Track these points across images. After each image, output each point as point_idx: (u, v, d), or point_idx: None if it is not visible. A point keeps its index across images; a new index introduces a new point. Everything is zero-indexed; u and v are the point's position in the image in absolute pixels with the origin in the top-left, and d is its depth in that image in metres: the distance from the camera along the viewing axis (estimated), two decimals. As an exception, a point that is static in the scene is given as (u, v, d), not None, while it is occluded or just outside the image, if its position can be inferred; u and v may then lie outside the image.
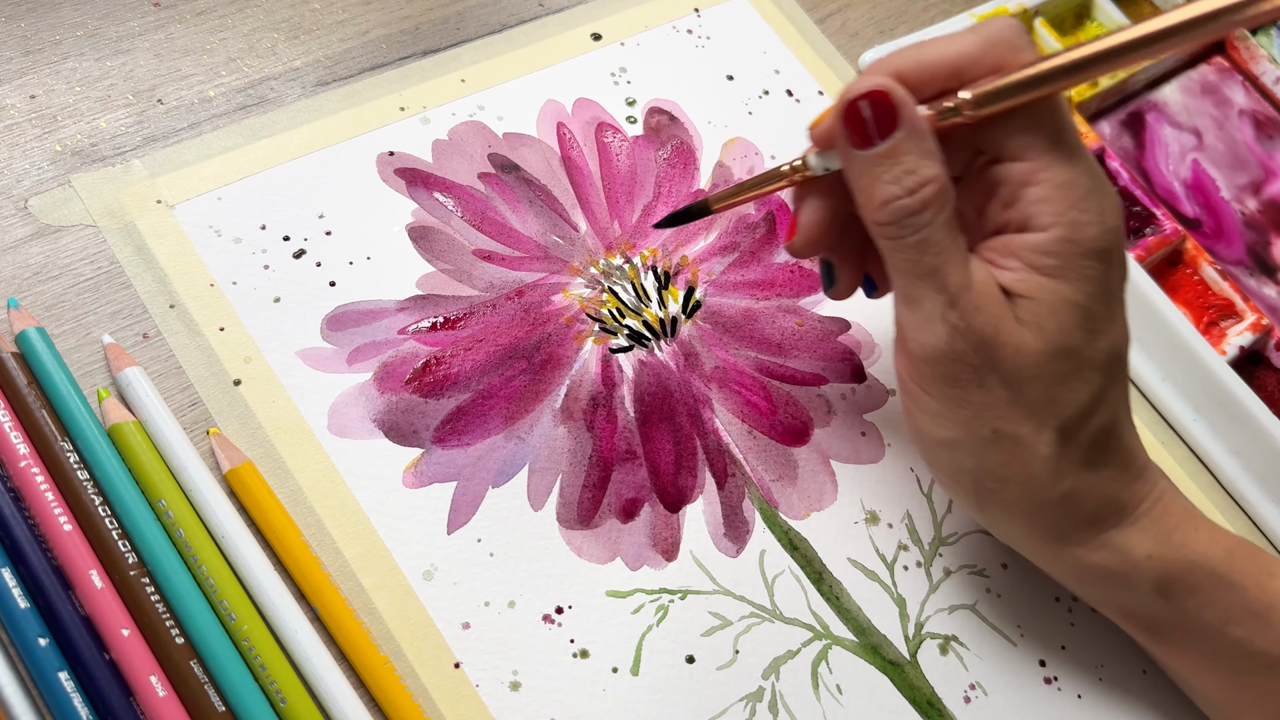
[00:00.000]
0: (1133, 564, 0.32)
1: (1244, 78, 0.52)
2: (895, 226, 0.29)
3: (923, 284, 0.29)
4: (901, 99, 0.29)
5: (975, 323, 0.29)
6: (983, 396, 0.30)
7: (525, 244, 0.38)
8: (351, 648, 0.30)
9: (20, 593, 0.28)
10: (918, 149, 0.29)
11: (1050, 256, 0.29)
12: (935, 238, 0.29)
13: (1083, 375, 0.30)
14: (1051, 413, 0.30)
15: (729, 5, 0.47)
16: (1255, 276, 0.47)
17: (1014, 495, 0.31)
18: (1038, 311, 0.30)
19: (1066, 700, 0.36)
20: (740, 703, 0.33)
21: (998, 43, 0.29)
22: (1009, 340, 0.29)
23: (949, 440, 0.31)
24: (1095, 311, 0.30)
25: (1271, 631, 0.32)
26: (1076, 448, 0.31)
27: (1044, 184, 0.29)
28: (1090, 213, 0.29)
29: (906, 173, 0.29)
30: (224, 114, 0.38)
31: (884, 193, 0.29)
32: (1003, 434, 0.30)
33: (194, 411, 0.33)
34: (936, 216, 0.29)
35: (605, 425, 0.36)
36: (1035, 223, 0.29)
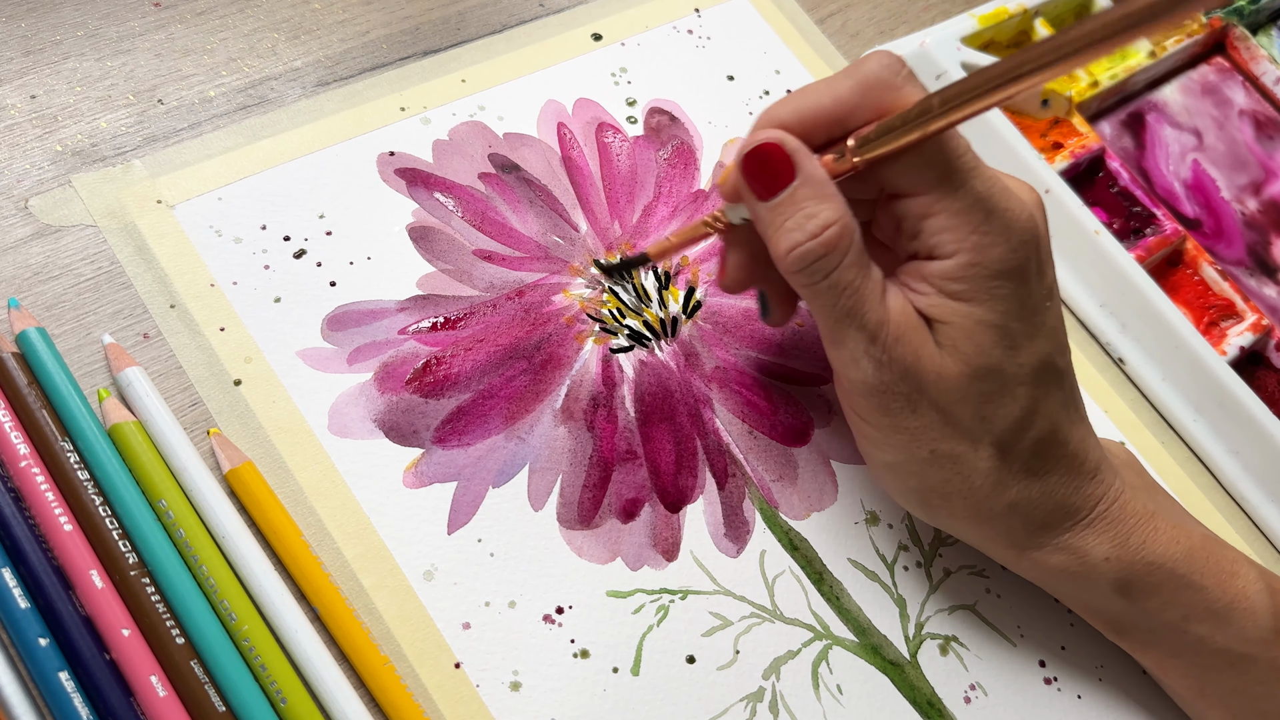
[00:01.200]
0: (1091, 565, 0.32)
1: (1244, 78, 0.52)
2: (805, 273, 0.30)
3: (842, 324, 0.30)
4: (793, 148, 0.30)
5: (896, 354, 0.30)
6: (916, 421, 0.31)
7: (526, 244, 0.38)
8: (352, 648, 0.30)
9: (20, 593, 0.28)
10: (815, 194, 0.29)
11: (958, 282, 0.30)
12: (846, 279, 0.30)
13: (1010, 391, 0.31)
14: (984, 430, 0.31)
15: (729, 5, 0.47)
16: (1255, 277, 0.47)
17: (960, 509, 0.32)
18: (954, 335, 0.30)
19: (1066, 700, 0.36)
20: (741, 703, 0.33)
21: (873, 85, 0.30)
22: (930, 366, 0.30)
23: (891, 463, 0.32)
24: (1012, 329, 0.30)
25: (1232, 630, 0.32)
26: (1016, 459, 0.31)
27: (941, 214, 0.30)
28: (992, 234, 0.29)
29: (807, 218, 0.29)
30: (224, 114, 0.38)
31: (788, 240, 0.30)
32: (940, 454, 0.31)
33: (194, 411, 0.33)
34: (842, 258, 0.29)
35: (606, 425, 0.36)
36: (939, 251, 0.30)
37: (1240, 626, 0.32)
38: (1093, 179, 0.47)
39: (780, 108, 0.31)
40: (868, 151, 0.29)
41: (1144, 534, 0.33)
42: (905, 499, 0.34)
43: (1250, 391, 0.41)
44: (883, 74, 0.30)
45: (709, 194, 0.42)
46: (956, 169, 0.29)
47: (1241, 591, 0.33)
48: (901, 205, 0.30)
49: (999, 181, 0.30)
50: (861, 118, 0.30)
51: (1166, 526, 0.33)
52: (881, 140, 0.29)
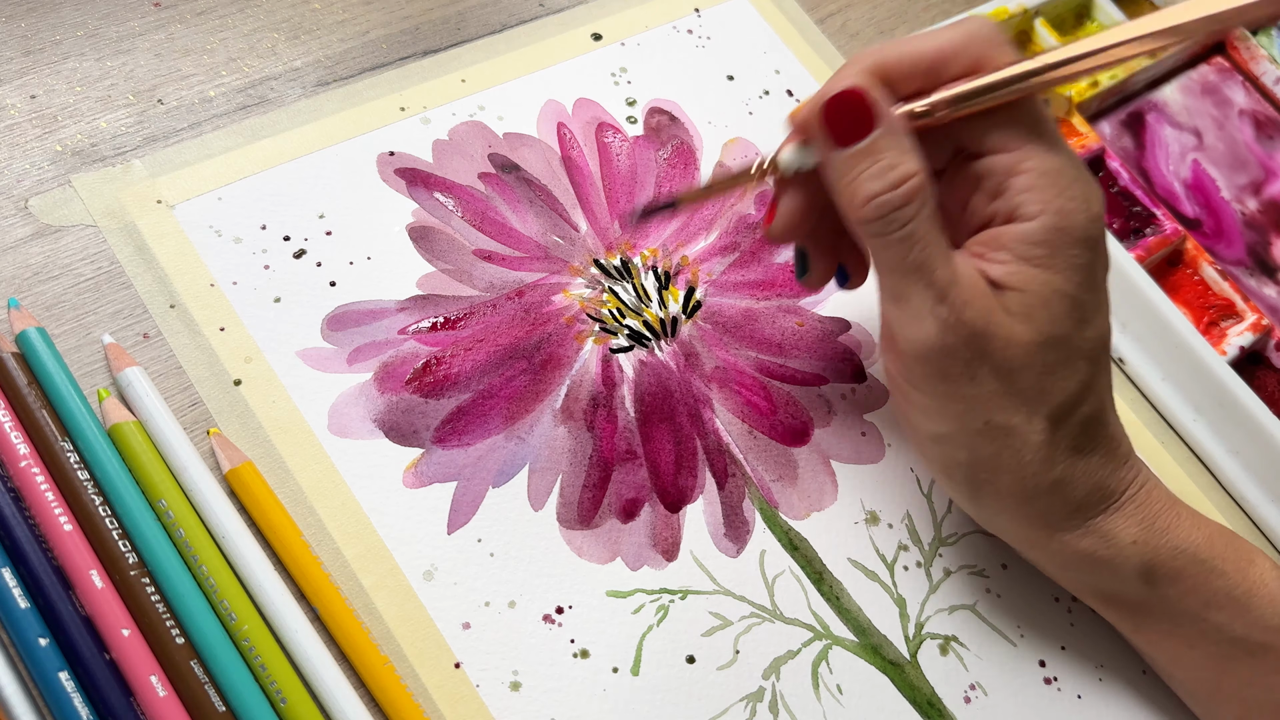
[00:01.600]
0: (1118, 549, 0.32)
1: (1244, 78, 0.52)
2: (880, 222, 0.29)
3: (910, 280, 0.30)
4: (877, 98, 0.29)
5: (965, 316, 0.29)
6: (974, 390, 0.30)
7: (525, 244, 0.38)
8: (352, 648, 0.30)
9: (20, 593, 0.28)
10: (896, 145, 0.29)
11: (1040, 246, 0.30)
12: (920, 232, 0.29)
13: (1072, 364, 0.31)
14: (1042, 401, 0.31)
15: (729, 5, 0.47)
16: (1255, 276, 0.47)
17: (1007, 484, 0.32)
18: (1029, 302, 0.30)
19: (1066, 700, 0.36)
20: (740, 703, 0.33)
21: (977, 39, 0.30)
22: (999, 332, 0.30)
23: (942, 435, 0.32)
24: (1084, 301, 0.30)
25: (1251, 617, 0.32)
26: (1066, 435, 0.31)
27: (1030, 173, 0.30)
28: (1077, 200, 0.30)
29: (888, 168, 0.29)
30: (224, 114, 0.38)
31: (867, 189, 0.29)
32: (995, 425, 0.31)
33: (194, 411, 0.33)
34: (920, 210, 0.29)
35: (605, 425, 0.36)
36: (1023, 211, 0.30)
37: (1259, 613, 0.32)
38: (1093, 179, 0.47)
39: (879, 51, 0.30)
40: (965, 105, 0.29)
41: (1169, 519, 0.33)
42: (950, 474, 0.33)
43: (1250, 391, 0.41)
44: (986, 31, 0.30)
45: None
46: (1047, 131, 0.30)
47: (1260, 579, 0.33)
48: (986, 163, 0.30)
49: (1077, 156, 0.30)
50: (956, 70, 0.30)
51: (1188, 513, 0.33)
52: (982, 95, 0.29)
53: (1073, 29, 0.51)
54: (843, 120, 0.30)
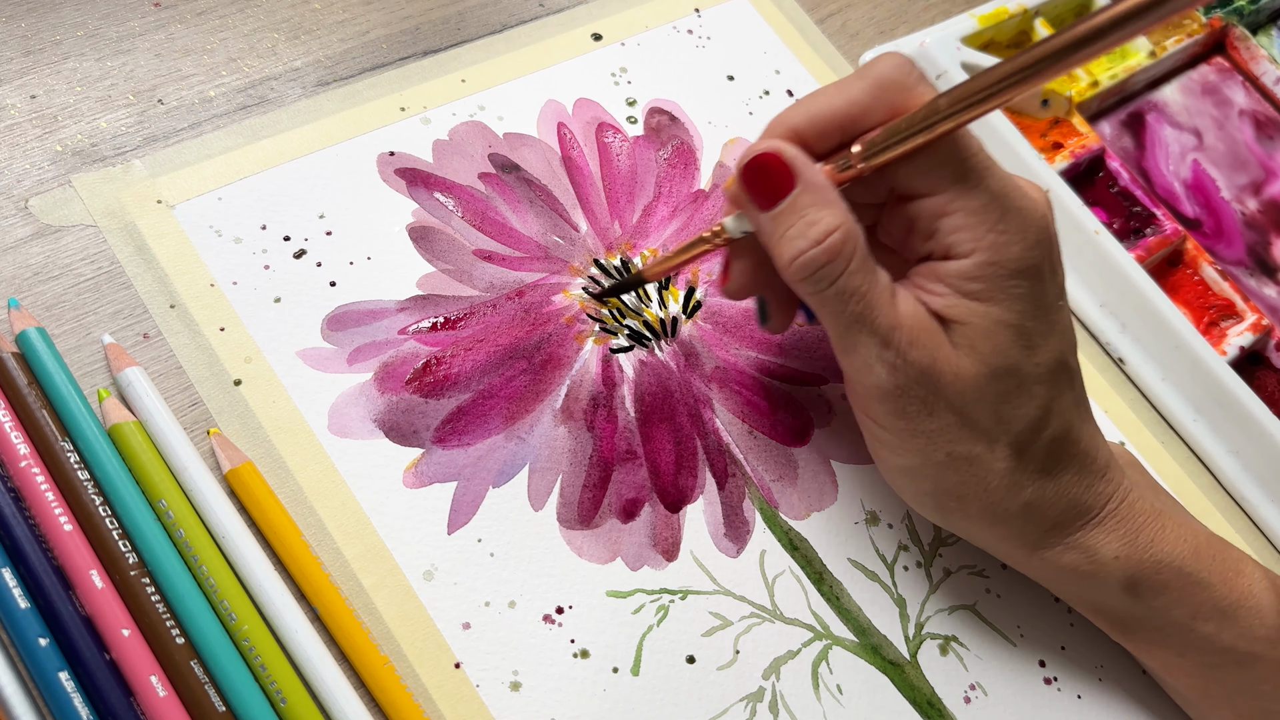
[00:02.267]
0: (1101, 564, 0.32)
1: (1244, 78, 0.52)
2: (809, 281, 0.30)
3: (852, 331, 0.30)
4: (792, 156, 0.30)
5: (911, 357, 0.30)
6: (932, 424, 0.31)
7: (526, 244, 0.38)
8: (352, 648, 0.30)
9: (20, 593, 0.28)
10: (816, 200, 0.29)
11: (975, 281, 0.30)
12: (852, 285, 0.29)
13: (1027, 390, 0.31)
14: (1001, 430, 0.31)
15: (729, 5, 0.47)
16: (1255, 276, 0.47)
17: (975, 511, 0.32)
18: (972, 336, 0.30)
19: (1066, 700, 0.36)
20: (740, 703, 0.33)
21: (887, 87, 0.30)
22: (947, 368, 0.30)
23: (906, 467, 0.32)
24: (1029, 328, 0.30)
25: (1238, 627, 0.32)
26: (1032, 459, 0.31)
27: (957, 213, 0.30)
28: (1009, 233, 0.29)
29: (809, 225, 0.29)
30: (224, 114, 0.38)
31: (791, 249, 0.30)
32: (957, 456, 0.31)
33: (194, 411, 0.33)
34: (847, 264, 0.29)
35: (605, 425, 0.36)
36: (956, 250, 0.30)
37: (1246, 624, 0.32)
38: (1093, 179, 0.47)
39: (791, 112, 0.31)
40: (876, 156, 0.29)
41: (1152, 532, 0.33)
42: (919, 502, 0.33)
43: (1250, 391, 0.41)
44: (895, 75, 0.30)
45: (709, 194, 0.42)
46: (972, 167, 0.29)
47: (1247, 590, 0.33)
48: (915, 206, 0.30)
49: (1011, 180, 0.30)
50: (874, 119, 0.30)
51: (1173, 525, 0.33)
52: (890, 145, 0.29)
53: (1073, 29, 0.51)
54: (761, 184, 0.30)
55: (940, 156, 0.29)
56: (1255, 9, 0.53)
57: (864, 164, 0.30)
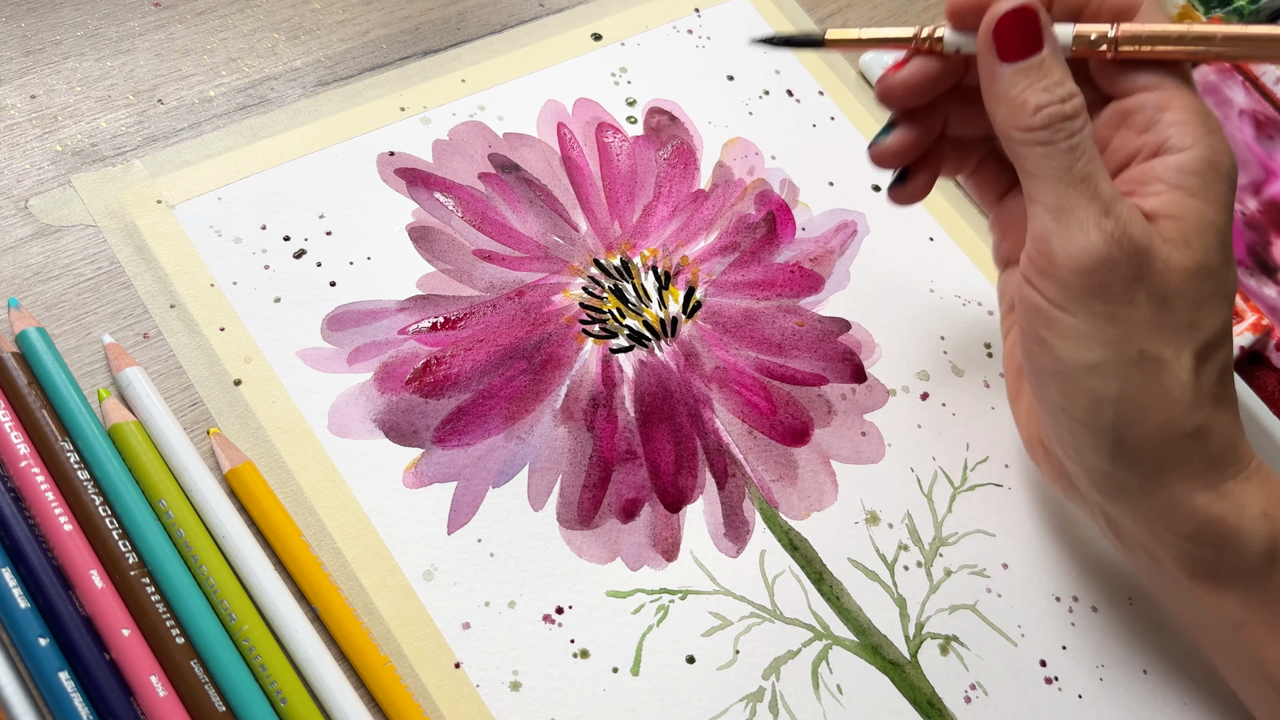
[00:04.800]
0: (1249, 520, 0.31)
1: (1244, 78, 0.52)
2: (1049, 131, 0.30)
3: (1076, 191, 0.30)
4: (1046, 22, 0.31)
5: (1131, 230, 0.30)
6: (1130, 313, 0.30)
7: (525, 244, 0.38)
8: (351, 648, 0.30)
9: (20, 593, 0.28)
10: (1061, 67, 0.31)
11: (1194, 176, 0.30)
12: (1086, 144, 0.30)
13: (1218, 300, 0.31)
14: (1190, 336, 0.31)
15: (729, 5, 0.47)
16: (1255, 276, 0.47)
17: (1155, 423, 0.31)
18: (1185, 230, 0.30)
19: (1066, 700, 0.36)
20: (740, 703, 0.33)
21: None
22: (1160, 254, 0.30)
23: (1094, 364, 0.31)
24: (1228, 239, 0.31)
25: None
26: (1207, 379, 0.31)
27: (1180, 110, 0.31)
28: (1221, 142, 0.31)
29: (1055, 84, 0.30)
30: (224, 114, 0.38)
31: (1038, 99, 0.30)
32: (1148, 355, 0.30)
33: (194, 411, 0.33)
34: (1085, 125, 0.30)
35: (605, 425, 0.36)
36: (1175, 143, 0.31)
37: None
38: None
39: None
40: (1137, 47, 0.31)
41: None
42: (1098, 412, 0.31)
43: (1250, 391, 0.41)
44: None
45: (709, 194, 0.42)
46: (1190, 78, 0.31)
47: None
48: (1137, 99, 0.31)
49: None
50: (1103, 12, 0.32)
51: None
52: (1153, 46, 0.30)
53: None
54: (1012, 36, 0.31)
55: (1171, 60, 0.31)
56: (1255, 9, 0.53)
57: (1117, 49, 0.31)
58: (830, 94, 0.46)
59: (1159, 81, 0.31)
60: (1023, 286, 0.32)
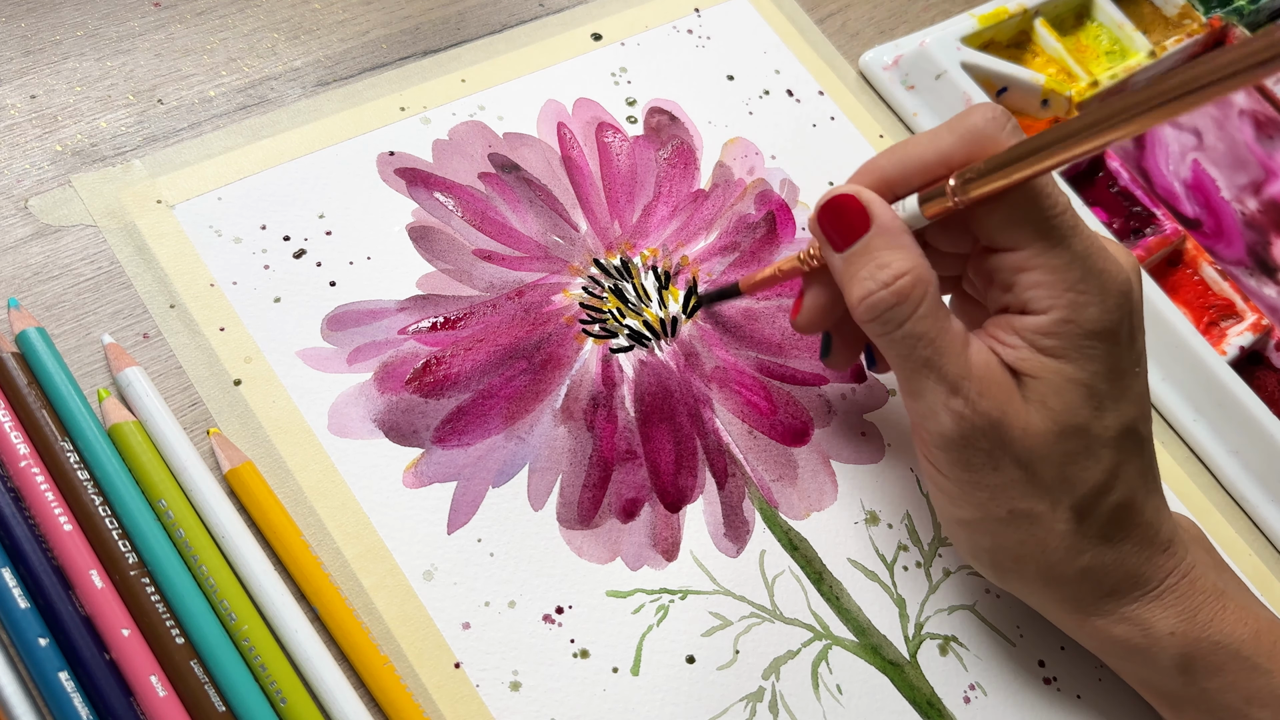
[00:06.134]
0: (1154, 639, 0.32)
1: (1244, 78, 0.52)
2: (878, 323, 0.30)
3: (919, 376, 0.30)
4: (868, 200, 0.30)
5: (981, 407, 0.30)
6: (997, 478, 0.30)
7: (525, 244, 0.38)
8: (351, 648, 0.30)
9: (20, 593, 0.28)
10: (889, 244, 0.30)
11: (1051, 338, 0.30)
12: (921, 329, 0.29)
13: (1093, 453, 0.30)
14: (1065, 490, 0.30)
15: (729, 5, 0.47)
16: (1255, 276, 0.47)
17: (1031, 572, 0.32)
18: (1043, 391, 0.30)
19: (1066, 700, 0.36)
20: (740, 703, 0.33)
21: (977, 137, 0.30)
22: (1016, 421, 0.30)
23: (967, 520, 0.32)
24: (1101, 390, 0.30)
25: None
26: (1094, 524, 0.31)
27: (1037, 269, 0.30)
28: (1089, 294, 0.29)
29: (880, 267, 0.30)
30: (224, 114, 0.38)
31: (860, 289, 0.30)
32: (1019, 513, 0.31)
33: (194, 411, 0.33)
34: (916, 308, 0.29)
35: (605, 425, 0.36)
36: (1033, 306, 0.30)
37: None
38: (1093, 179, 0.47)
39: (881, 158, 0.31)
40: (969, 191, 0.29)
41: (1211, 611, 0.32)
42: (976, 557, 0.33)
43: (1250, 391, 0.41)
44: (986, 127, 0.30)
45: (708, 194, 0.42)
46: (1055, 226, 0.29)
47: None
48: (997, 259, 0.30)
49: (1097, 242, 0.30)
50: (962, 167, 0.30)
51: (1235, 606, 0.32)
52: (983, 180, 0.29)
53: (1073, 29, 0.51)
54: (835, 225, 0.30)
55: (1025, 212, 0.29)
56: (1255, 9, 0.53)
57: (958, 197, 0.29)
58: (830, 94, 0.46)
59: (1016, 238, 0.30)
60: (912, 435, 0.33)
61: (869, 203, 0.30)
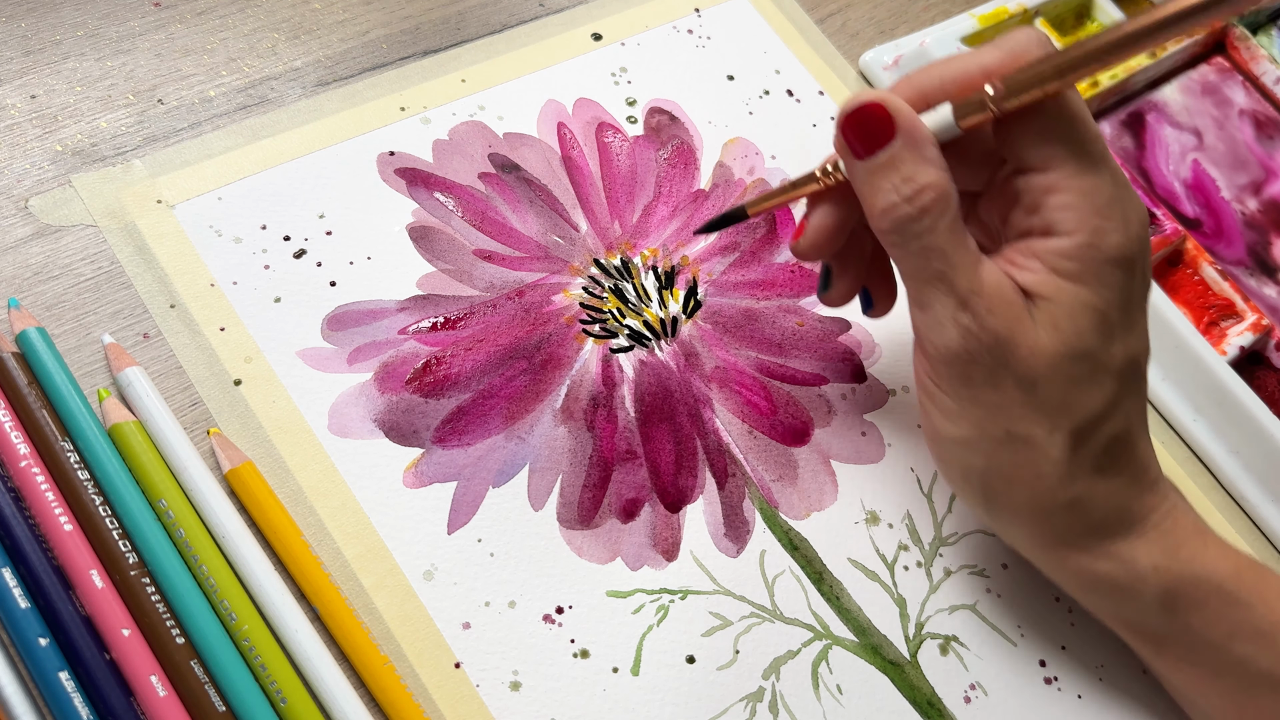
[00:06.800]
0: (1138, 575, 0.32)
1: (1244, 78, 0.52)
2: (897, 234, 0.30)
3: (931, 288, 0.30)
4: (896, 109, 0.29)
5: (989, 324, 0.30)
6: (996, 397, 0.30)
7: (525, 244, 0.38)
8: (352, 648, 0.30)
9: (21, 593, 0.28)
10: (914, 156, 0.29)
11: (1072, 260, 0.30)
12: (938, 243, 0.29)
13: (1097, 380, 0.30)
14: (1065, 415, 0.30)
15: (729, 5, 0.47)
16: (1255, 276, 0.47)
17: (1022, 497, 0.32)
18: (1055, 313, 0.30)
19: (1066, 700, 0.36)
20: (740, 703, 0.33)
21: (1021, 54, 0.30)
22: (1024, 340, 0.30)
23: (961, 439, 0.32)
24: (1113, 318, 0.30)
25: (1277, 651, 0.32)
26: (1088, 453, 0.31)
27: (1067, 191, 0.29)
28: (1114, 220, 0.29)
29: (904, 180, 0.29)
30: (224, 114, 0.38)
31: (883, 201, 0.30)
32: (1015, 435, 0.31)
33: (194, 411, 0.33)
34: (937, 222, 0.29)
35: (605, 425, 0.36)
36: (1058, 228, 0.30)
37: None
38: (1093, 179, 0.47)
39: (921, 73, 0.31)
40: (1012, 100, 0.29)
41: (1194, 547, 0.32)
42: (966, 480, 0.33)
43: (1250, 391, 0.41)
44: (1029, 46, 0.30)
45: (709, 194, 0.42)
46: (1089, 151, 0.29)
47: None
48: (1026, 179, 0.30)
49: (1123, 175, 0.30)
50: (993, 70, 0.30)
51: (1215, 542, 0.32)
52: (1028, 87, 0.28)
53: (1072, 29, 0.51)
54: (860, 133, 0.30)
55: (1063, 132, 0.29)
56: (1255, 9, 0.53)
57: (1002, 104, 0.29)
58: (830, 94, 0.46)
59: (1049, 159, 0.30)
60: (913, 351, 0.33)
61: (896, 111, 0.29)
